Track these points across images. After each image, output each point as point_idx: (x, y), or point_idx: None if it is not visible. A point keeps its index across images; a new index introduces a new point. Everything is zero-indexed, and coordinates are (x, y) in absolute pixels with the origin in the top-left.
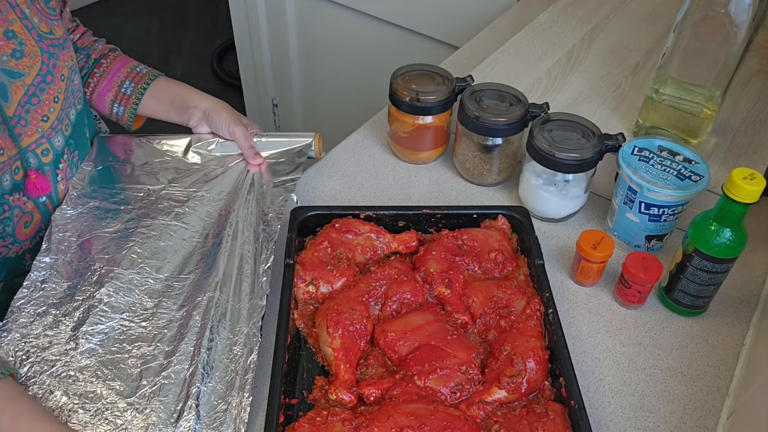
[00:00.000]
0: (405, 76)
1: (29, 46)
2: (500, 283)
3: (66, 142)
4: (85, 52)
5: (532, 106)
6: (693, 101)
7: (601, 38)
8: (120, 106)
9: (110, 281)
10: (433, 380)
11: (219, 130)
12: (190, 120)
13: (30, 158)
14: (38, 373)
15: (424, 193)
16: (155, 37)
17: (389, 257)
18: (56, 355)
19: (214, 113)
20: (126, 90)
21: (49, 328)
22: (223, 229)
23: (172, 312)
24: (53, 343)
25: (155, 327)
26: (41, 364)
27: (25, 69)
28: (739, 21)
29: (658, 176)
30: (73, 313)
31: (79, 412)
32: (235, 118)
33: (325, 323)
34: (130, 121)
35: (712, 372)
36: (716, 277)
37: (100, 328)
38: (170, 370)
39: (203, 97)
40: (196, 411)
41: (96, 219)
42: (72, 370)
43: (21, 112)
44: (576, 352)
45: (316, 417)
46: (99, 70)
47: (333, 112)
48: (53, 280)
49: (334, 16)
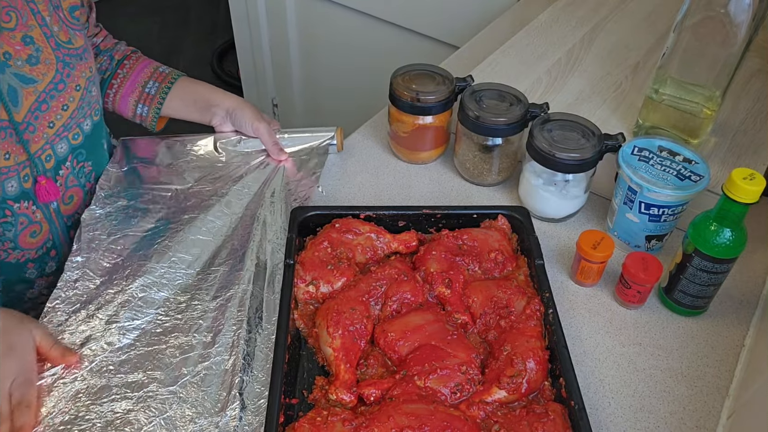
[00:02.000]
0: (405, 76)
1: (46, 53)
2: (500, 283)
3: (72, 150)
4: (108, 53)
5: (532, 106)
6: (693, 101)
7: (601, 38)
8: (144, 106)
9: (143, 276)
10: (433, 380)
11: (242, 127)
12: (213, 119)
13: (38, 165)
14: (76, 369)
15: (424, 193)
16: (156, 37)
17: (389, 257)
18: (93, 350)
19: (237, 111)
20: (150, 90)
21: (83, 323)
22: (251, 223)
23: (205, 303)
24: (90, 338)
25: (190, 318)
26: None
27: (38, 76)
28: (739, 21)
29: (658, 176)
30: (107, 307)
31: (121, 402)
32: (258, 116)
33: (325, 323)
34: (154, 121)
35: (712, 372)
36: (716, 277)
37: (137, 323)
38: (210, 361)
39: (226, 95)
40: (241, 400)
41: (126, 218)
42: (111, 364)
43: (30, 119)
44: (576, 352)
45: (316, 417)
46: (122, 71)
47: (333, 112)
48: (86, 278)
49: (334, 16)
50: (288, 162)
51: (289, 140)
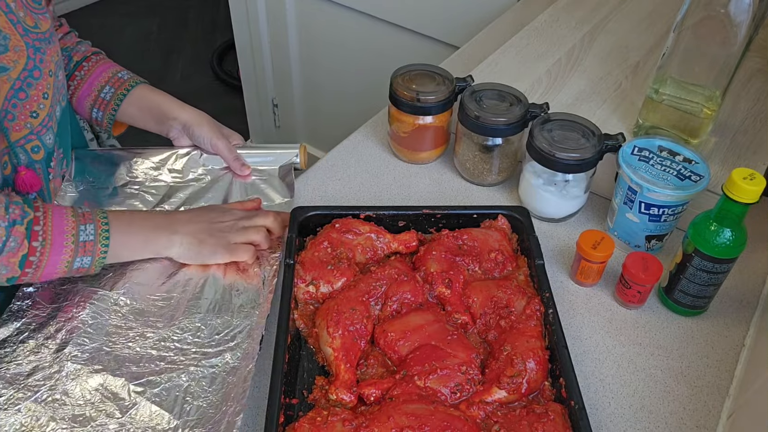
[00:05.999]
0: (405, 76)
1: (14, 40)
2: (500, 283)
3: (55, 139)
4: (66, 53)
5: (532, 106)
6: (693, 101)
7: (601, 38)
8: (99, 111)
9: (94, 303)
10: (433, 380)
11: (201, 143)
12: (170, 132)
13: (20, 154)
14: (22, 399)
15: (424, 193)
16: (155, 37)
17: (389, 257)
18: (40, 380)
19: (194, 127)
20: (105, 95)
21: (31, 353)
22: None
23: (158, 331)
24: (37, 369)
25: (142, 347)
26: (25, 390)
27: (9, 63)
28: (739, 21)
29: (658, 176)
30: (56, 335)
31: None
32: (217, 131)
33: (325, 323)
34: (110, 126)
35: (712, 372)
36: (716, 277)
37: (85, 349)
38: (161, 388)
39: (183, 108)
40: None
41: None
42: (57, 393)
43: (8, 107)
44: (576, 352)
45: (316, 417)
46: (80, 73)
47: (333, 112)
48: (36, 306)
49: (334, 16)
50: (250, 178)
51: (250, 156)
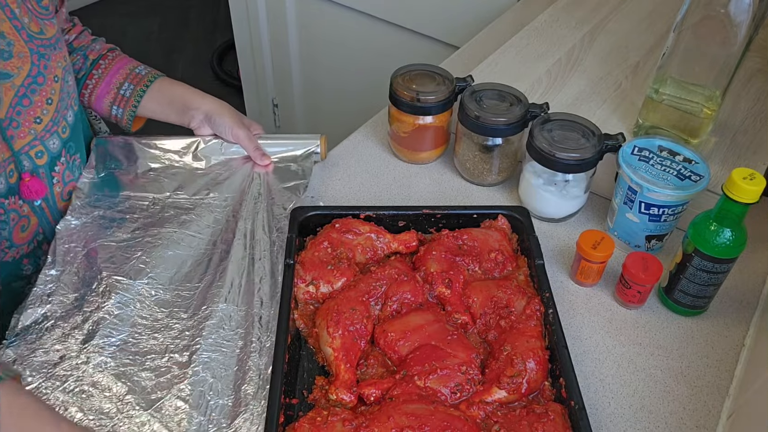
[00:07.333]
0: (405, 76)
1: (18, 46)
2: (500, 283)
3: (63, 144)
4: (81, 52)
5: (532, 106)
6: (693, 101)
7: (601, 38)
8: (119, 108)
9: (119, 293)
10: (433, 380)
11: (222, 133)
12: (191, 122)
13: (24, 161)
14: (50, 389)
15: (424, 193)
16: (156, 37)
17: (389, 257)
18: (67, 370)
19: (216, 116)
20: (125, 92)
21: (58, 342)
22: (232, 237)
23: (183, 322)
24: (64, 358)
25: (167, 338)
26: (53, 380)
27: (13, 70)
28: (739, 21)
29: (658, 176)
30: (83, 326)
31: (95, 429)
32: (238, 121)
33: (325, 323)
34: (129, 123)
35: (711, 372)
36: (716, 277)
37: (111, 341)
38: (186, 382)
39: (204, 98)
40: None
41: (101, 228)
42: (85, 384)
43: (12, 114)
44: (576, 352)
45: (316, 417)
46: (97, 71)
47: (333, 112)
48: (60, 292)
49: (334, 16)
50: (270, 167)
51: (270, 146)
